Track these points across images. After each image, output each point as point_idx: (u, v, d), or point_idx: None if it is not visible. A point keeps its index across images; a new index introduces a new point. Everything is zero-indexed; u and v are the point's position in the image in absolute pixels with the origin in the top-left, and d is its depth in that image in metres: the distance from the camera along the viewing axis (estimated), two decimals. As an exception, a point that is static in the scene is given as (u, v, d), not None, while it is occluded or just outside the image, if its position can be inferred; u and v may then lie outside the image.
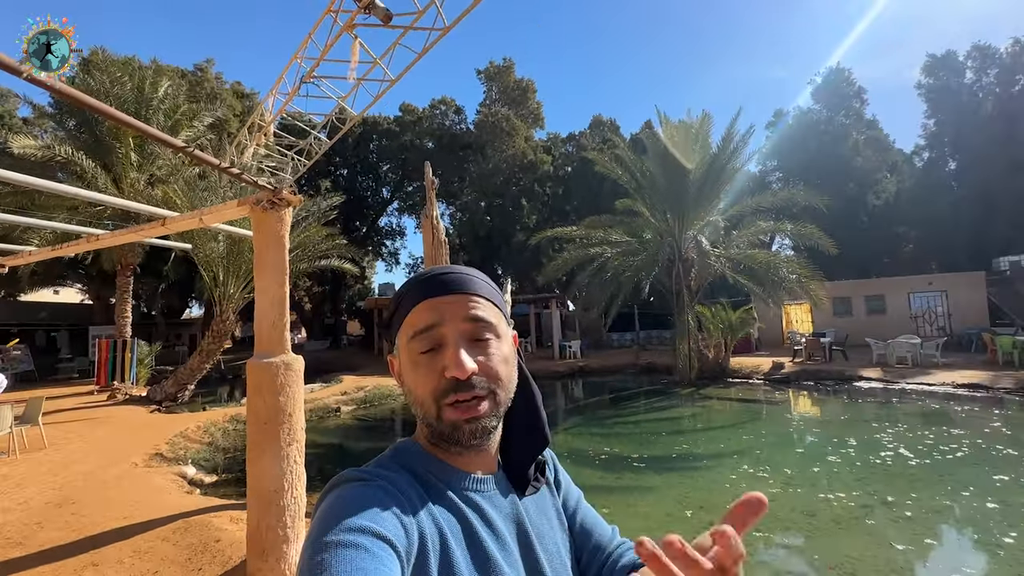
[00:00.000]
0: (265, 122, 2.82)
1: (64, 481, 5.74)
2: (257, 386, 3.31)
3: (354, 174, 30.07)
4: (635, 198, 16.16)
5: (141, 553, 3.76)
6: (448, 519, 0.58)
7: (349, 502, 0.52)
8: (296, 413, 3.40)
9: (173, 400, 12.48)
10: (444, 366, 0.60)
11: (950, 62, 26.87)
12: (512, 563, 0.60)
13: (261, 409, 3.29)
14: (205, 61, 24.29)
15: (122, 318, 14.24)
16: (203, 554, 3.66)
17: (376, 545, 0.47)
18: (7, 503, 5.08)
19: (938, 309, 18.22)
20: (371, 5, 2.02)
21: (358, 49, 2.28)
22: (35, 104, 18.47)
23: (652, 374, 16.27)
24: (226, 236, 11.85)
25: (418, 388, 0.62)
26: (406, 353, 0.63)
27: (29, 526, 4.44)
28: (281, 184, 3.07)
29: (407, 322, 0.63)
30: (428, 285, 0.64)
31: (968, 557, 4.15)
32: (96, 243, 4.62)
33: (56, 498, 5.14)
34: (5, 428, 6.86)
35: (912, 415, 9.09)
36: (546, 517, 0.71)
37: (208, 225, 3.82)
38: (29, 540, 4.14)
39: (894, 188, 27.17)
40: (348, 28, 2.16)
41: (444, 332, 0.61)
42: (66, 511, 4.75)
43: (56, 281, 23.33)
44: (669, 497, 5.58)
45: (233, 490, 6.19)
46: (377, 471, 0.58)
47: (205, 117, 16.71)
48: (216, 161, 2.77)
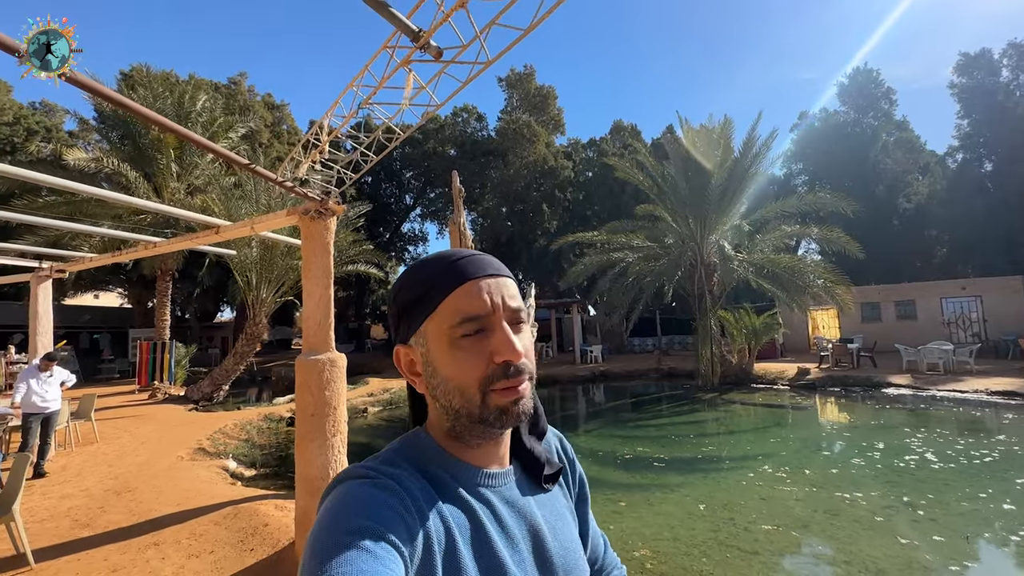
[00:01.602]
0: (321, 141, 3.11)
1: (119, 471, 6.17)
2: (305, 381, 3.59)
3: (378, 181, 30.77)
4: (656, 203, 16.21)
5: (197, 535, 4.09)
6: (457, 516, 0.56)
7: (352, 501, 0.51)
8: (340, 407, 3.67)
9: (209, 399, 13.04)
10: (493, 351, 0.58)
11: (985, 61, 26.10)
12: (521, 561, 0.58)
13: (308, 402, 3.58)
14: (238, 75, 25.33)
15: (161, 321, 14.95)
16: (253, 537, 3.96)
17: (379, 546, 0.46)
18: (70, 490, 5.51)
19: (972, 314, 17.71)
20: (427, 45, 2.28)
21: (412, 81, 2.54)
22: (81, 118, 19.56)
23: (674, 379, 16.24)
24: (259, 242, 12.39)
25: (461, 375, 0.58)
26: (443, 338, 0.59)
27: (93, 510, 4.83)
28: (328, 195, 3.37)
29: (448, 306, 0.59)
30: (466, 267, 0.60)
31: (995, 561, 4.17)
32: (153, 250, 5.01)
33: (115, 486, 5.55)
34: (63, 423, 7.38)
35: (942, 421, 8.94)
36: (558, 512, 0.69)
37: (258, 233, 4.14)
38: (95, 522, 4.52)
39: (926, 190, 26.48)
40: (404, 64, 2.43)
41: (492, 316, 0.59)
42: (125, 497, 5.15)
43: (99, 286, 24.50)
44: (691, 497, 5.68)
45: (272, 483, 6.54)
46: (382, 468, 0.56)
47: (239, 128, 17.45)
48: (274, 176, 3.07)
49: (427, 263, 0.63)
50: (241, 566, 3.58)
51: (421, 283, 0.61)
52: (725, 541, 4.48)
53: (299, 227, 3.63)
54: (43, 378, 6.02)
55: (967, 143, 27.07)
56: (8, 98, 22.65)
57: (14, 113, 22.76)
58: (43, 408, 5.97)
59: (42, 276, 6.83)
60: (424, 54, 2.36)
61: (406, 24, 2.45)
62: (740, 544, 4.41)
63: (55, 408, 6.13)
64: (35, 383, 5.94)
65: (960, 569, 3.98)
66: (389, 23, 2.47)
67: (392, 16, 2.40)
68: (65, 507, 4.92)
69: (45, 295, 6.90)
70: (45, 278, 6.85)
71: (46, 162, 17.34)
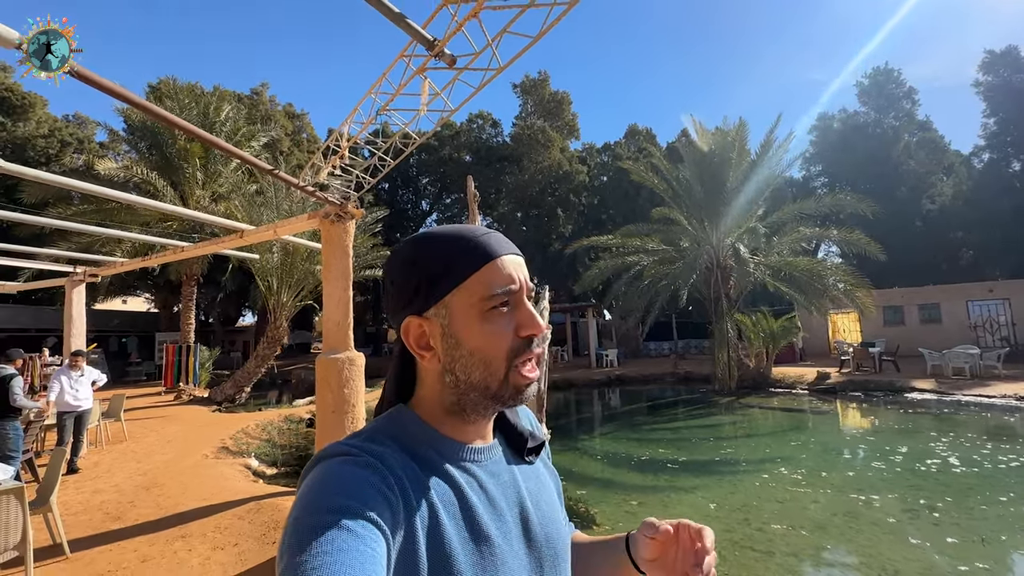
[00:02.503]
0: (341, 147, 3.25)
1: (147, 468, 6.40)
2: (325, 379, 3.72)
3: (395, 187, 31.21)
4: (671, 206, 16.15)
5: (221, 528, 4.24)
6: (442, 492, 0.57)
7: (333, 479, 0.50)
8: (359, 404, 3.79)
9: (231, 401, 13.36)
10: (519, 324, 0.60)
11: (1011, 58, 25.43)
12: (506, 532, 0.59)
13: (328, 399, 3.70)
14: (260, 85, 26.00)
15: (186, 325, 15.38)
16: (276, 530, 4.09)
17: (359, 525, 0.46)
18: (101, 485, 5.74)
19: (1000, 318, 17.19)
20: (441, 53, 2.40)
21: (428, 88, 2.67)
22: (112, 129, 20.29)
23: (690, 383, 16.09)
24: (280, 248, 12.70)
25: (489, 347, 0.59)
26: (473, 311, 0.60)
27: (123, 504, 5.04)
28: (347, 199, 3.50)
29: (479, 279, 0.60)
30: (496, 243, 0.62)
31: (1018, 566, 4.09)
32: (181, 254, 5.23)
33: (143, 482, 5.77)
34: (94, 422, 7.67)
35: (967, 426, 8.72)
36: (542, 482, 0.71)
37: (281, 237, 4.31)
38: (125, 515, 4.71)
39: (950, 191, 25.84)
40: (420, 71, 2.55)
41: (519, 292, 0.61)
42: (153, 493, 5.35)
43: (127, 291, 25.29)
44: (707, 499, 5.67)
45: (292, 480, 6.70)
46: (364, 445, 0.56)
47: (261, 137, 17.91)
48: (296, 181, 3.22)
49: (445, 237, 0.62)
50: (264, 558, 3.71)
51: (444, 256, 0.61)
52: (740, 542, 4.47)
53: (319, 231, 3.77)
54: (75, 377, 6.27)
55: (993, 142, 26.34)
56: (44, 111, 23.62)
57: (49, 126, 23.72)
58: (76, 406, 6.21)
59: (76, 280, 7.14)
60: (439, 62, 2.48)
61: (422, 34, 2.57)
62: (755, 545, 4.39)
63: (87, 406, 6.37)
64: (67, 382, 6.18)
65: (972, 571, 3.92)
66: (406, 33, 2.60)
67: (409, 27, 2.53)
68: (97, 501, 5.14)
69: (79, 299, 7.20)
70: (79, 282, 7.16)
71: (79, 172, 18.03)
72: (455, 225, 0.66)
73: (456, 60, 2.49)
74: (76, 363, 6.30)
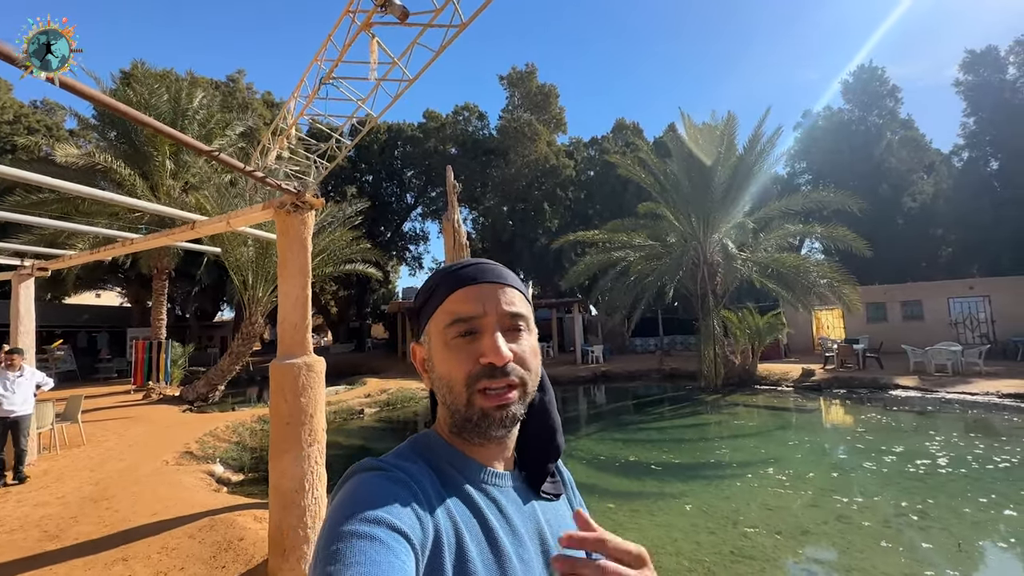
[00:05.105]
0: (288, 125, 2.88)
1: (100, 477, 5.96)
2: (279, 387, 3.37)
3: (379, 180, 30.57)
4: (659, 201, 15.94)
5: (168, 550, 3.86)
6: (464, 513, 0.57)
7: (366, 492, 0.52)
8: (317, 414, 3.44)
9: (204, 400, 12.85)
10: (481, 352, 0.60)
11: (991, 58, 25.70)
12: (527, 559, 0.59)
13: (283, 409, 3.35)
14: (237, 72, 25.15)
15: (157, 320, 14.75)
16: (227, 552, 3.73)
17: (391, 537, 0.47)
18: (46, 497, 5.30)
19: (980, 315, 17.38)
20: (387, 3, 2.04)
21: (376, 48, 2.31)
22: (80, 116, 19.40)
23: (676, 380, 15.97)
24: (255, 241, 12.19)
25: (451, 372, 0.61)
26: (440, 338, 0.63)
27: (65, 520, 4.62)
28: (304, 188, 3.14)
29: (444, 309, 0.63)
30: (466, 274, 0.65)
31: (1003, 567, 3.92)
32: (131, 247, 4.80)
33: (92, 493, 5.34)
34: (47, 425, 7.17)
35: (952, 425, 8.66)
36: (562, 514, 0.70)
37: (235, 228, 3.93)
38: (64, 533, 4.30)
39: (931, 189, 26.12)
40: (366, 27, 2.19)
41: (483, 319, 0.62)
42: (101, 506, 4.93)
43: (98, 285, 24.38)
44: (694, 506, 5.43)
45: (258, 488, 6.32)
46: (395, 461, 0.58)
47: (237, 126, 17.25)
48: (241, 165, 2.85)
49: (440, 270, 0.69)
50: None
51: (429, 287, 0.68)
52: (729, 552, 4.24)
53: (275, 221, 3.41)
54: (11, 378, 5.54)
55: (973, 141, 26.67)
56: (8, 96, 22.55)
57: (14, 112, 22.66)
58: (8, 412, 5.48)
59: (24, 274, 6.63)
60: (386, 15, 2.12)
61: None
62: (745, 553, 4.16)
63: (25, 411, 5.66)
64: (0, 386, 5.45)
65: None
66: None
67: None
68: (38, 516, 4.71)
69: (27, 294, 6.69)
70: (27, 276, 6.65)
71: (43, 160, 17.19)
72: (467, 259, 0.70)
73: (408, 14, 2.14)
74: (12, 362, 5.54)
